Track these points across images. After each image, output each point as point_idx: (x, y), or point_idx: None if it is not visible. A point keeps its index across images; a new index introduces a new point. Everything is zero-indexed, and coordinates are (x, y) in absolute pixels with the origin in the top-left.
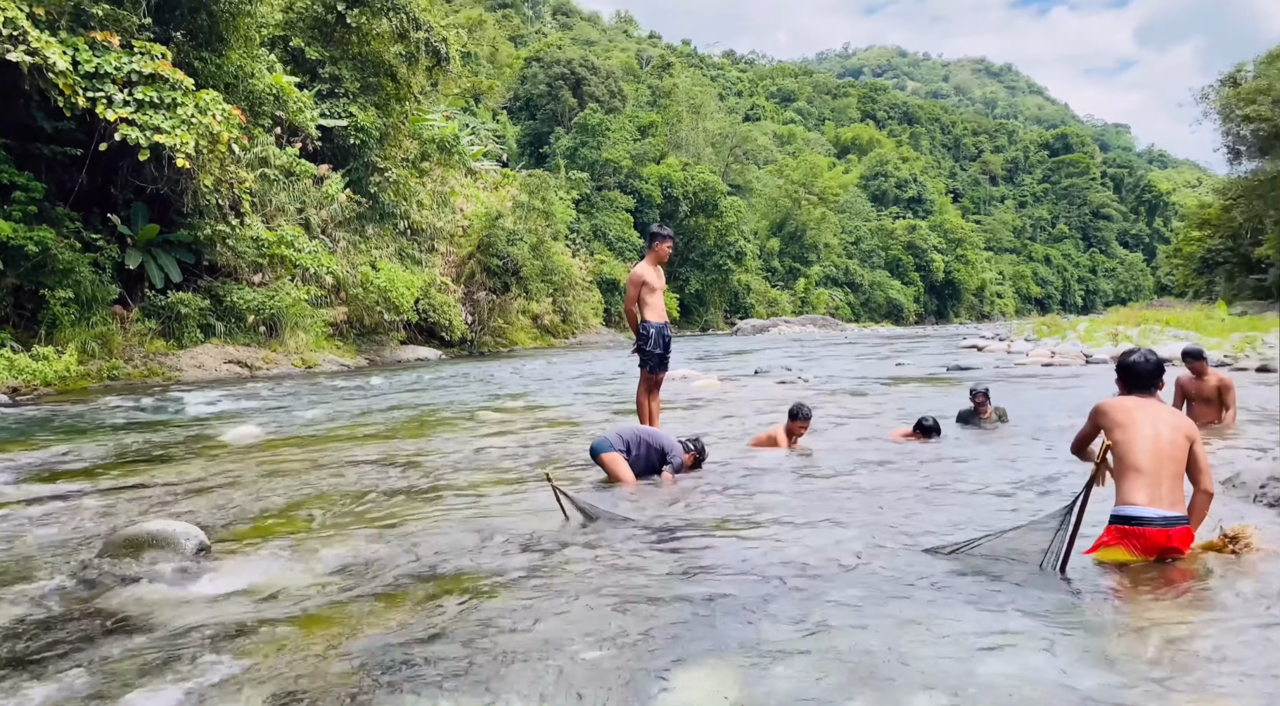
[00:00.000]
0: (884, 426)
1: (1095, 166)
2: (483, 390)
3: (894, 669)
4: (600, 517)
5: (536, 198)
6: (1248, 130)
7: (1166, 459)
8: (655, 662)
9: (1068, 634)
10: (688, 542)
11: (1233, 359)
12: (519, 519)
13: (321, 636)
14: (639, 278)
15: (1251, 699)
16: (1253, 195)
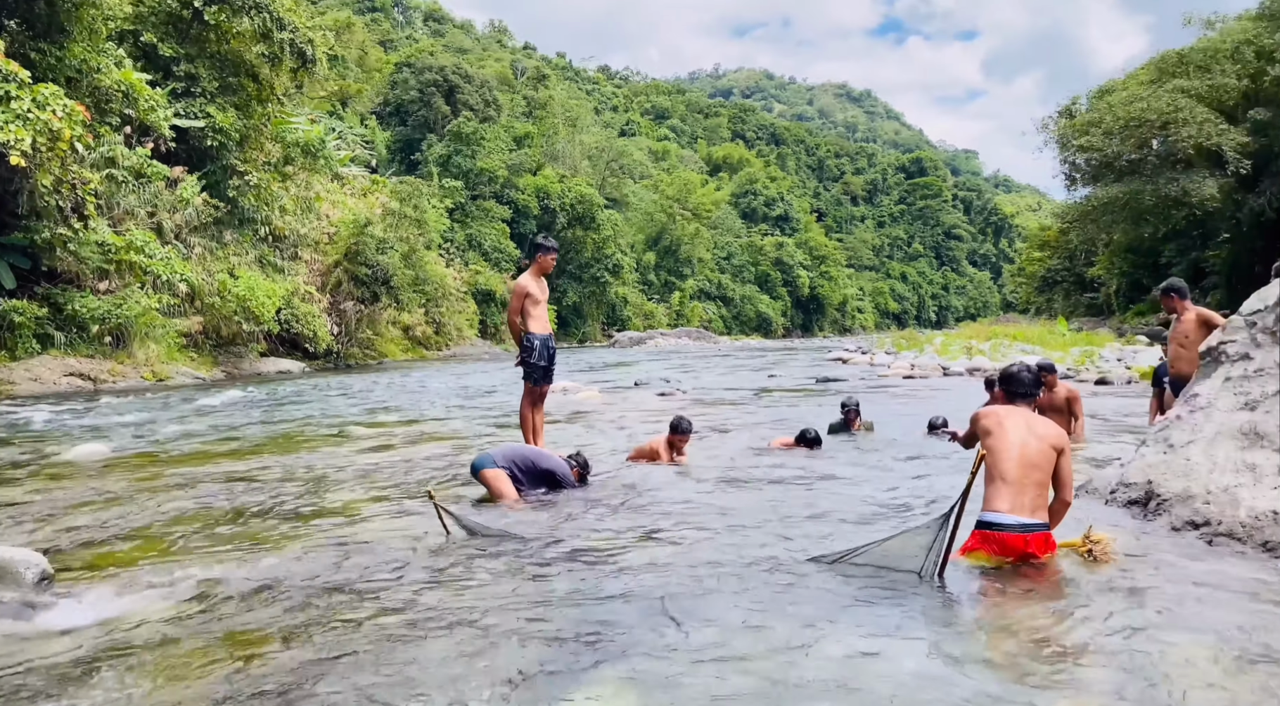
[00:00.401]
0: (763, 436)
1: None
2: (352, 404)
3: (787, 679)
4: (484, 535)
5: (408, 205)
6: (1082, 159)
7: (1031, 467)
8: (551, 685)
9: (948, 638)
10: (574, 559)
11: (1074, 372)
12: (398, 539)
13: (180, 675)
14: (522, 289)
15: (1109, 691)
16: (1086, 219)
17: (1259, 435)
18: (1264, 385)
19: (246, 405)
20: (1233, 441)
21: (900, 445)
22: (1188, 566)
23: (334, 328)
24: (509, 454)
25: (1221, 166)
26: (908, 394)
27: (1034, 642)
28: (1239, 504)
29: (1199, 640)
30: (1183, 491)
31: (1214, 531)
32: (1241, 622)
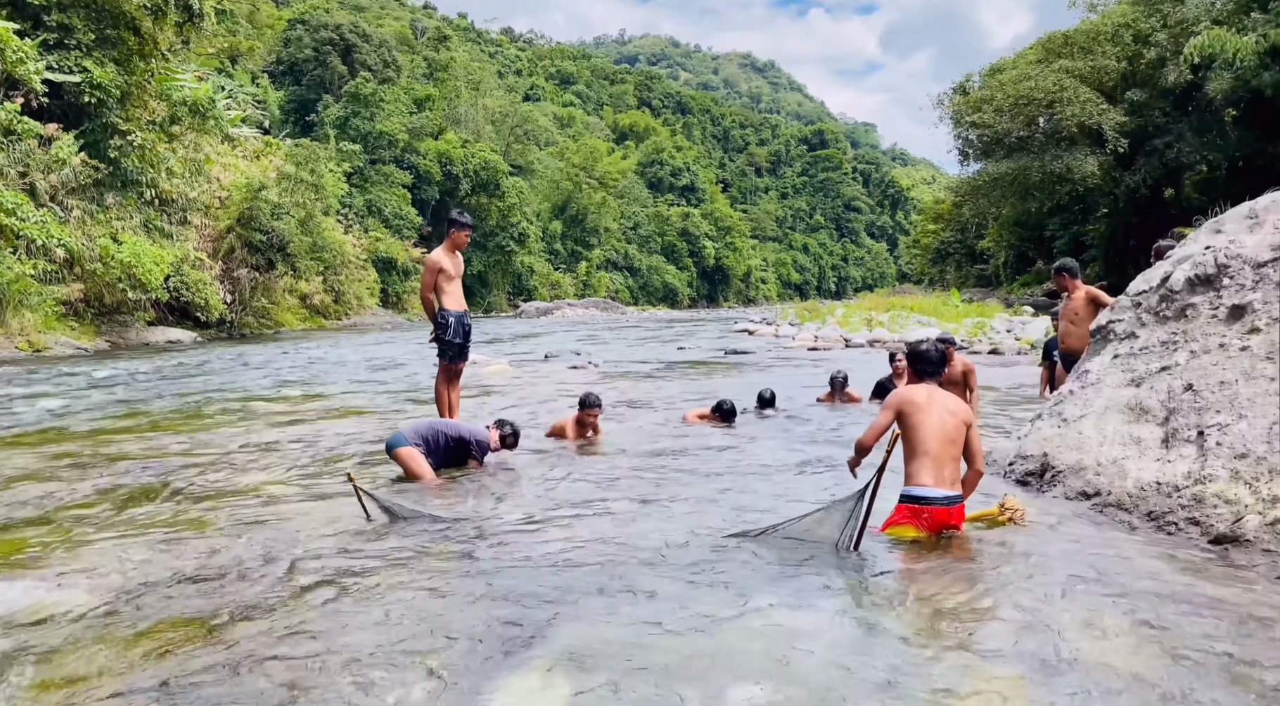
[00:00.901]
0: (678, 409)
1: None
2: (252, 377)
3: (712, 656)
4: (405, 517)
5: (305, 169)
6: (974, 135)
7: (948, 443)
8: (477, 668)
9: (865, 607)
10: (497, 538)
11: (968, 343)
12: (317, 521)
13: (84, 672)
14: (435, 264)
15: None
16: (977, 194)
17: (1144, 410)
18: (1148, 362)
19: (140, 377)
20: (1120, 416)
21: (813, 418)
22: (1081, 535)
23: (227, 296)
24: (419, 428)
25: (1102, 145)
26: (814, 365)
27: (944, 609)
28: (1126, 475)
29: (1092, 603)
30: (1075, 463)
31: (1104, 501)
32: (1129, 587)
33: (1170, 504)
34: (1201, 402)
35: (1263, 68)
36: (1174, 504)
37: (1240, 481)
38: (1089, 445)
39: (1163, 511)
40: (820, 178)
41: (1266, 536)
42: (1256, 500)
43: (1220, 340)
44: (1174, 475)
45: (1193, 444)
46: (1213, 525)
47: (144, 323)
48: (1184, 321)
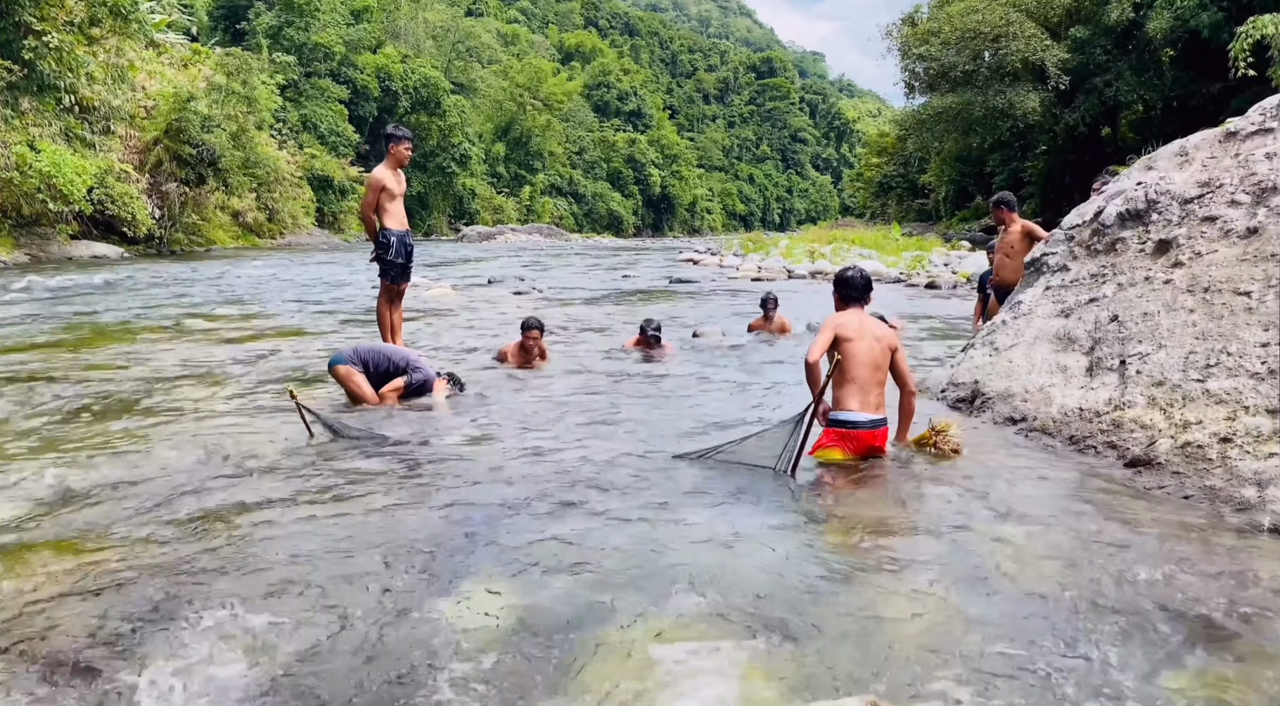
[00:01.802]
0: (621, 335)
1: (795, 92)
2: (185, 295)
3: (653, 567)
4: (349, 436)
5: (236, 80)
6: (921, 67)
7: (874, 368)
8: (422, 581)
9: (799, 529)
10: (439, 458)
11: (906, 276)
12: (257, 439)
13: (37, 578)
14: (378, 182)
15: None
16: (922, 127)
17: (1071, 339)
18: (1078, 294)
19: (63, 292)
20: (1049, 345)
21: (750, 346)
22: (1006, 458)
23: (155, 211)
24: (362, 351)
25: (1044, 81)
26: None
27: (875, 529)
28: (1051, 402)
29: (1015, 522)
30: (1004, 390)
31: (1029, 426)
32: (1050, 508)
33: (1091, 429)
34: (1125, 333)
35: (1201, 8)
36: (1094, 428)
37: (1156, 407)
38: (1018, 373)
39: (1084, 436)
40: (768, 107)
41: (1176, 459)
42: (1170, 425)
43: (1146, 273)
44: (1096, 402)
45: (1115, 372)
46: (1129, 449)
47: (66, 236)
48: (1113, 255)
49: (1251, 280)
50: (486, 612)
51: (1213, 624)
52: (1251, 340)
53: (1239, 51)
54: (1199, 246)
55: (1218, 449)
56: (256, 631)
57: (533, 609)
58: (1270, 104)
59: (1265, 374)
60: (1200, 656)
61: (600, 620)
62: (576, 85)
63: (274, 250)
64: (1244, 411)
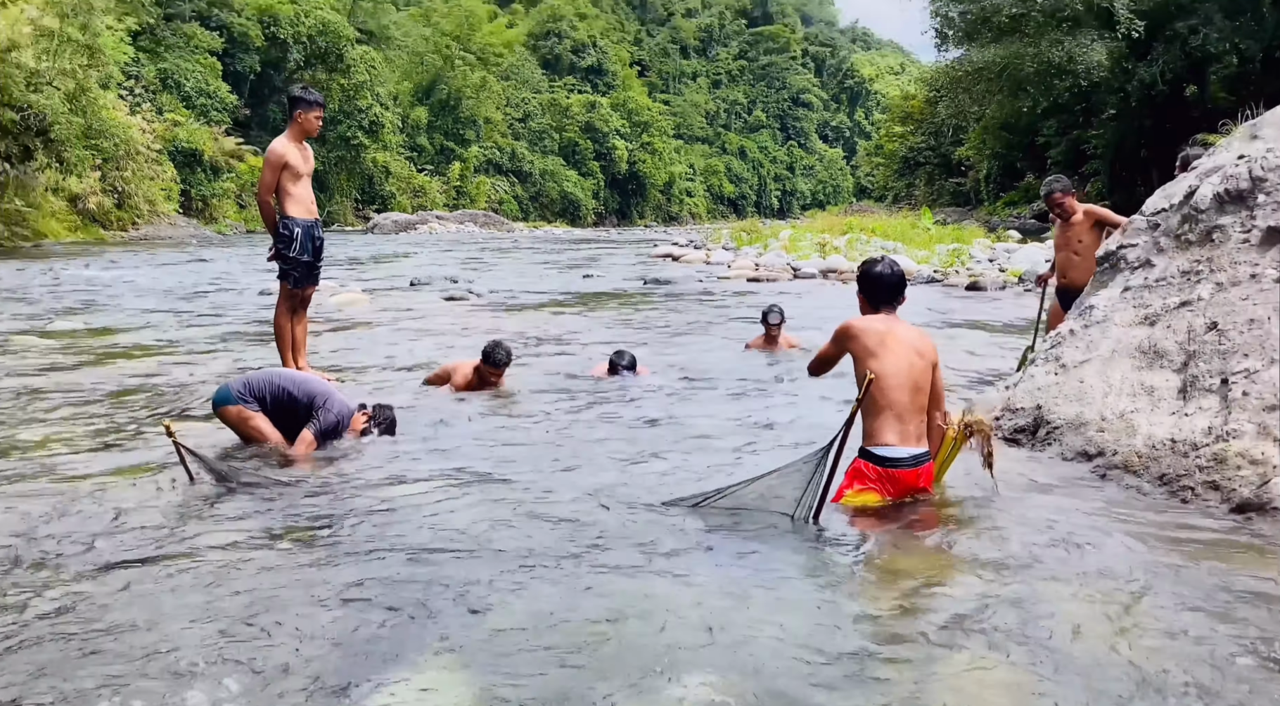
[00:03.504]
0: (587, 351)
1: (796, 42)
2: (12, 303)
3: (644, 644)
4: (242, 482)
5: (73, 23)
6: (956, 11)
7: (916, 391)
8: (344, 677)
9: (828, 591)
10: (366, 510)
11: (943, 275)
12: (126, 485)
13: None
14: (278, 158)
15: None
16: (958, 88)
17: (1159, 353)
18: (1165, 296)
19: None
20: (1130, 360)
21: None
22: (1079, 502)
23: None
24: (254, 383)
25: (1112, 29)
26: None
27: (918, 592)
28: (1135, 431)
29: (1092, 583)
30: (1075, 418)
31: (1108, 463)
32: (1136, 565)
33: (1186, 465)
34: (1227, 345)
35: None
36: (1191, 465)
37: (1269, 438)
38: (1092, 396)
39: (1177, 474)
40: (762, 62)
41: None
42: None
43: (1253, 269)
44: (1192, 431)
45: (1215, 393)
46: (1235, 489)
47: None
48: (1210, 246)
49: None
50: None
51: None
52: None
53: None
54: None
55: None
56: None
57: (489, 698)
58: None
59: None
60: None
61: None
62: (519, 34)
63: (126, 245)
64: None
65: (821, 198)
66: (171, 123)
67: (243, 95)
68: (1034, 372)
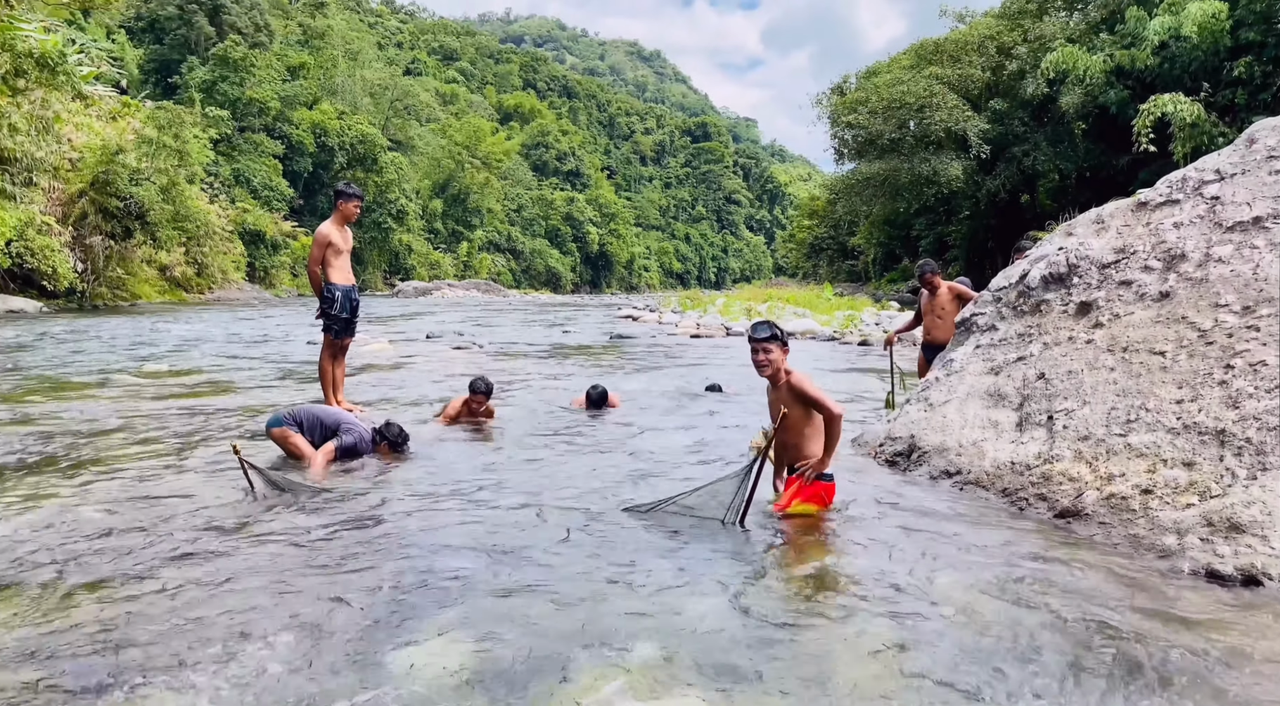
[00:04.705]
0: (565, 390)
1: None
2: (110, 350)
3: (606, 619)
4: (292, 491)
5: (168, 134)
6: (849, 135)
7: None
8: (374, 639)
9: (750, 577)
10: (386, 515)
11: (840, 335)
12: (197, 494)
13: None
14: (324, 237)
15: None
16: (851, 192)
17: (1001, 396)
18: (1006, 353)
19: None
20: (980, 401)
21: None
22: (942, 510)
23: (78, 264)
24: (298, 413)
25: (966, 150)
26: (702, 353)
27: (820, 578)
28: (984, 455)
29: (953, 571)
30: (939, 445)
31: (964, 480)
32: (986, 558)
33: (1022, 481)
34: (1052, 390)
35: (1109, 85)
36: (1025, 481)
37: (1082, 461)
38: (952, 428)
39: (1016, 488)
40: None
41: (1102, 510)
42: (1095, 477)
43: (1069, 333)
44: (1026, 455)
45: (1043, 427)
46: (1058, 500)
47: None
48: (1039, 315)
49: (1165, 341)
50: (439, 664)
51: (1141, 661)
52: (1167, 397)
53: (1142, 127)
54: (1117, 308)
55: (1140, 500)
56: (196, 693)
57: (485, 659)
58: (1176, 177)
59: (1180, 429)
60: (1130, 692)
61: (554, 670)
62: (515, 145)
63: (202, 305)
64: (1162, 464)
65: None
66: (241, 210)
67: (298, 189)
68: (908, 409)
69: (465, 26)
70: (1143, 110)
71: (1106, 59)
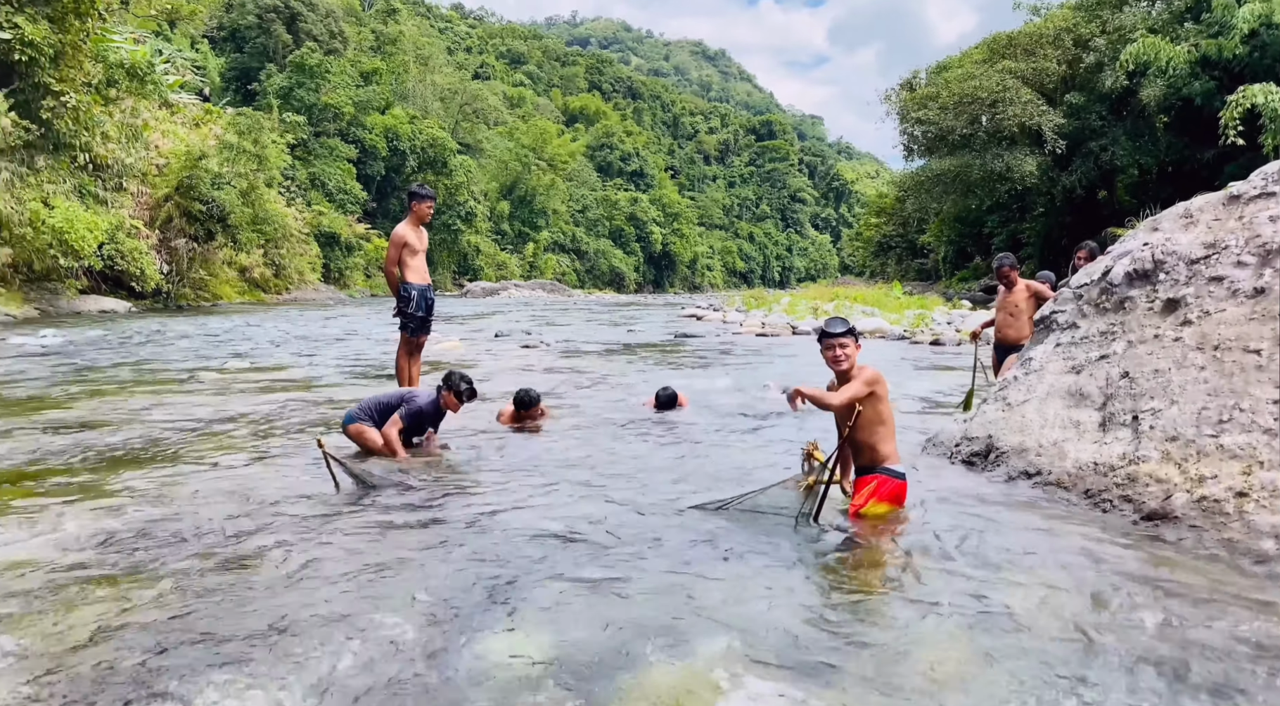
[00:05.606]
0: (632, 388)
1: (794, 153)
2: (195, 349)
3: (681, 613)
4: (374, 484)
5: (248, 139)
6: (919, 131)
7: None
8: (455, 628)
9: (822, 576)
10: (466, 509)
11: (910, 334)
12: (283, 486)
13: (76, 619)
14: (400, 238)
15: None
16: (920, 189)
17: (1083, 395)
18: (1088, 351)
19: (75, 347)
20: (1061, 400)
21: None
22: (1020, 511)
23: (164, 266)
24: (365, 405)
25: (1041, 145)
26: (770, 352)
27: (896, 576)
28: (1065, 456)
29: (1032, 572)
30: (1018, 445)
31: (1044, 481)
32: (1067, 559)
33: (1106, 483)
34: (1137, 389)
35: (1193, 77)
36: (1109, 483)
37: (1171, 462)
38: (1031, 428)
39: (1099, 490)
40: (767, 168)
41: (1193, 513)
42: (1185, 479)
43: (1155, 331)
44: (1110, 456)
45: (1128, 427)
46: (1144, 502)
47: (75, 291)
48: (1122, 313)
49: (1260, 338)
50: (519, 653)
51: (1229, 674)
52: (1264, 397)
53: (1230, 119)
54: (1207, 305)
55: (1234, 503)
56: (290, 675)
57: (564, 649)
58: (1272, 169)
59: (1278, 430)
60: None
61: (627, 663)
62: (580, 146)
63: (280, 305)
64: (1259, 466)
65: (814, 273)
66: (317, 213)
67: (371, 192)
68: (985, 409)
69: (532, 30)
70: (1231, 101)
71: (1191, 49)
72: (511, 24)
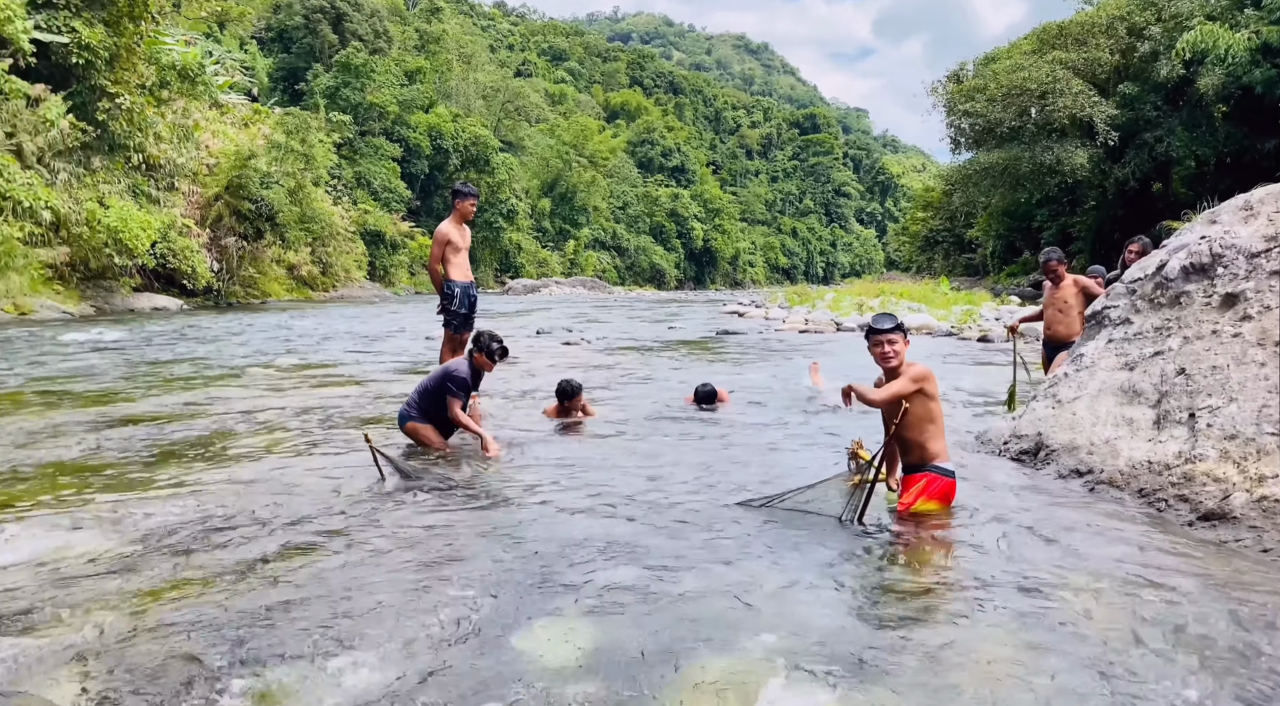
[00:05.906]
0: (673, 385)
1: (839, 147)
2: (244, 345)
3: (725, 608)
4: (420, 478)
5: (295, 138)
6: (966, 123)
7: None
8: (502, 620)
9: (869, 574)
10: (511, 503)
11: (958, 330)
12: (331, 481)
13: (133, 611)
14: (443, 236)
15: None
16: (968, 183)
17: (1136, 392)
18: (1142, 347)
19: (130, 343)
20: (1113, 397)
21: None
22: (1073, 510)
23: (214, 264)
24: (412, 399)
25: (1092, 137)
26: (810, 348)
27: (943, 575)
28: (1118, 454)
29: (1083, 571)
30: (1069, 442)
31: (1096, 479)
32: (1120, 559)
33: (1160, 481)
34: (1193, 386)
35: (1254, 64)
36: (1164, 481)
37: (1229, 461)
38: (1082, 425)
39: (1153, 489)
40: (811, 162)
41: (1253, 513)
42: (1244, 479)
43: (1213, 327)
44: (1165, 454)
45: (1184, 425)
46: (1201, 502)
47: (129, 288)
48: (1178, 308)
49: None
50: (565, 645)
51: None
52: None
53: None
54: (1268, 300)
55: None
56: (338, 664)
57: (610, 642)
58: None
59: None
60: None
61: (672, 660)
62: (621, 142)
63: (327, 302)
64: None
65: (858, 268)
66: (363, 211)
67: (415, 190)
68: (1035, 406)
69: (574, 26)
70: None
71: (1252, 36)
72: (553, 21)
